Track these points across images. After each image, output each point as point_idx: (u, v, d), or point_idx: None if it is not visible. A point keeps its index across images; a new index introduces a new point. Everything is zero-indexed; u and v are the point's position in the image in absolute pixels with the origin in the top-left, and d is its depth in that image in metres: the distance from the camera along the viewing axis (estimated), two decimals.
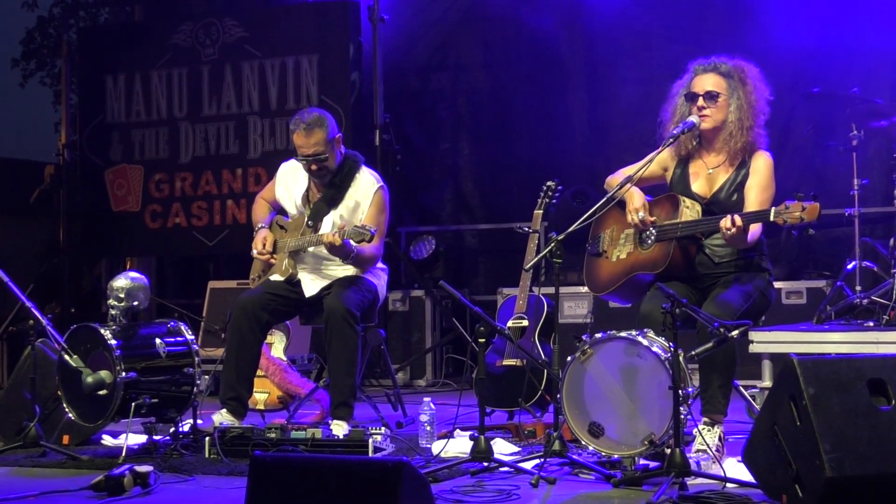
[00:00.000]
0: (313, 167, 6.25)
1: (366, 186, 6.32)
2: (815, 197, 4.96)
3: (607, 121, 9.82)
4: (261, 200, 6.63)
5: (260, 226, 6.46)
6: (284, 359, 6.78)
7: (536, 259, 5.51)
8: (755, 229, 5.27)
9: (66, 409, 5.85)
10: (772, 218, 5.02)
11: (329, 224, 6.23)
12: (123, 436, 5.74)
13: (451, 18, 10.37)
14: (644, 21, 9.65)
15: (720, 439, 5.14)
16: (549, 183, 6.64)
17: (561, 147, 9.99)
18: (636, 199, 5.48)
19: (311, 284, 6.29)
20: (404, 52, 10.17)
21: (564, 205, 6.77)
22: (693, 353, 4.85)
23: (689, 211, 5.40)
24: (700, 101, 5.45)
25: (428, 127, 10.45)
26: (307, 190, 6.42)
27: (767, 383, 6.16)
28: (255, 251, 6.38)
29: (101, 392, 5.68)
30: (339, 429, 5.80)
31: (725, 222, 5.10)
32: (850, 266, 7.47)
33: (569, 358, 5.01)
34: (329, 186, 6.32)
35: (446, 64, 10.47)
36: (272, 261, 6.35)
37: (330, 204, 6.31)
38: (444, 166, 10.48)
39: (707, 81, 5.47)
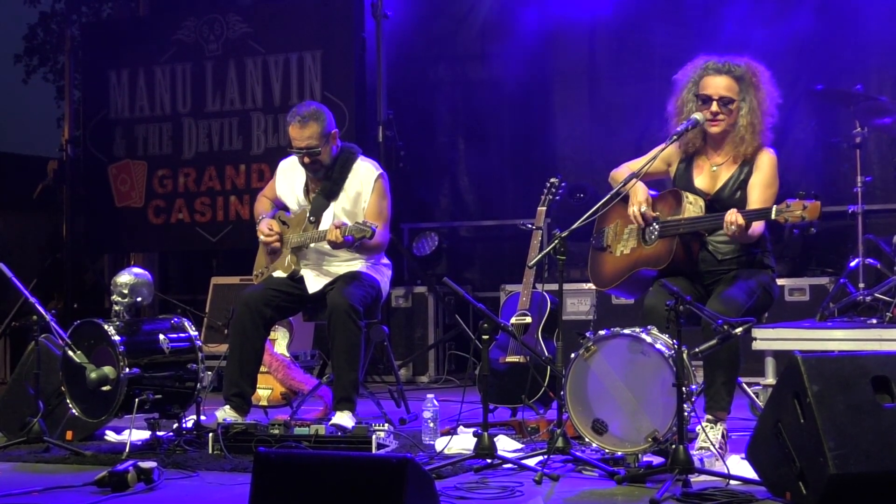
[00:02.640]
0: (306, 160, 6.26)
1: (365, 175, 6.33)
2: (816, 196, 4.96)
3: (607, 115, 9.81)
4: (263, 198, 6.64)
5: (262, 217, 6.47)
6: (287, 355, 6.78)
7: (540, 256, 5.50)
8: (758, 226, 5.28)
9: (70, 405, 5.84)
10: (773, 216, 5.02)
11: (330, 218, 6.24)
12: (127, 432, 5.73)
13: (449, 13, 10.36)
14: (645, 16, 9.63)
15: (723, 436, 5.14)
16: (552, 179, 6.64)
17: (560, 142, 10.00)
18: (640, 194, 5.48)
19: (314, 281, 6.29)
20: (404, 47, 10.15)
21: (563, 201, 6.75)
22: (697, 349, 4.84)
23: (692, 206, 5.40)
24: (714, 107, 5.42)
25: (431, 122, 10.45)
26: (306, 185, 6.43)
27: (771, 380, 6.15)
28: (261, 236, 6.38)
29: (104, 388, 5.68)
30: (345, 419, 5.80)
31: (728, 217, 5.11)
32: (853, 263, 7.47)
33: (572, 355, 5.00)
34: (326, 180, 6.32)
35: (444, 56, 10.46)
36: (277, 244, 6.35)
37: (329, 197, 6.31)
38: (447, 162, 10.47)
39: (721, 85, 5.42)
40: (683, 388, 4.60)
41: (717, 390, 5.16)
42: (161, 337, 5.92)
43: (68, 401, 5.85)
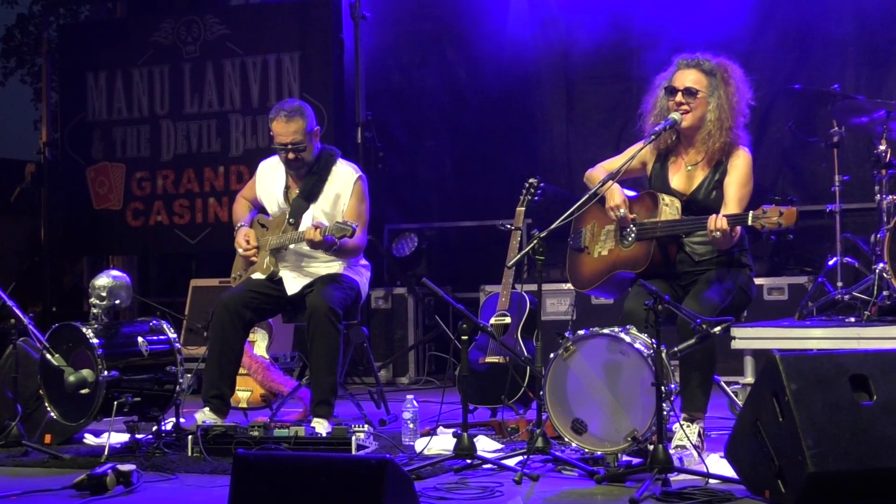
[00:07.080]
0: (290, 156, 6.24)
1: (345, 177, 6.32)
2: (791, 201, 4.96)
3: (584, 117, 9.83)
4: (241, 199, 6.62)
5: (240, 225, 6.45)
6: (267, 357, 6.76)
7: (519, 256, 5.50)
8: (737, 229, 5.27)
9: (49, 408, 5.83)
10: (750, 222, 5.03)
11: (310, 219, 6.23)
12: (106, 435, 5.72)
13: (433, 16, 10.36)
14: (622, 15, 9.63)
15: (699, 435, 5.15)
16: (531, 180, 6.64)
17: (538, 143, 10.01)
18: (616, 195, 5.48)
19: (293, 282, 6.28)
20: (383, 48, 10.15)
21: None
22: (675, 349, 4.86)
23: (669, 209, 5.40)
24: (679, 97, 5.44)
25: (410, 124, 10.45)
26: (286, 186, 6.41)
27: (749, 379, 6.17)
28: (240, 249, 6.37)
29: (83, 391, 5.67)
30: (321, 426, 5.79)
31: (711, 224, 5.10)
32: (831, 262, 7.50)
33: (552, 355, 5.01)
34: (306, 181, 6.31)
35: (424, 58, 10.45)
36: (254, 259, 6.34)
37: (309, 199, 6.30)
38: (426, 163, 10.47)
39: (688, 77, 5.46)
40: (662, 388, 4.62)
41: (692, 391, 5.17)
42: (140, 340, 5.91)
43: (46, 404, 5.84)
